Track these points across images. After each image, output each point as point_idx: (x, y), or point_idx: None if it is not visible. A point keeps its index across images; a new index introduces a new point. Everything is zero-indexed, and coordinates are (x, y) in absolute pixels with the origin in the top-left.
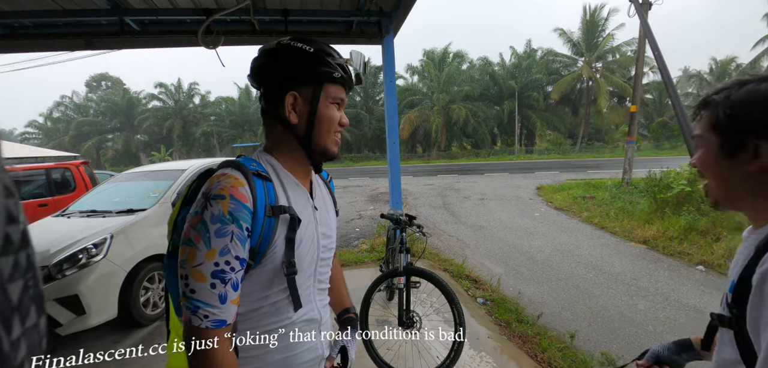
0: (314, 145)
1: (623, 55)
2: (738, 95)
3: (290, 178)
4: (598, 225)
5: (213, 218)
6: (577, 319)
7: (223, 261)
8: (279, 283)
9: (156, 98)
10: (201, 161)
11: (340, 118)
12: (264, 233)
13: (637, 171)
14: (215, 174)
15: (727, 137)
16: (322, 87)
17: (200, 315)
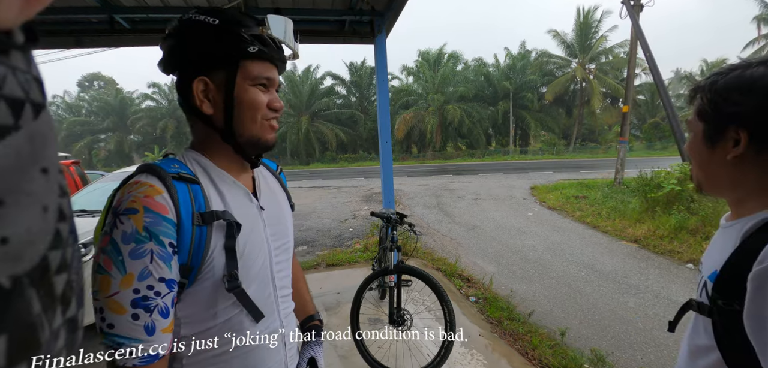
0: (239, 136)
1: (616, 56)
2: (722, 83)
3: (225, 177)
4: (591, 224)
5: (125, 237)
6: (568, 317)
7: (145, 287)
8: (226, 299)
9: (149, 98)
10: None
11: (269, 100)
12: (195, 246)
13: (629, 171)
14: (127, 183)
15: (709, 125)
16: (237, 67)
17: (123, 353)
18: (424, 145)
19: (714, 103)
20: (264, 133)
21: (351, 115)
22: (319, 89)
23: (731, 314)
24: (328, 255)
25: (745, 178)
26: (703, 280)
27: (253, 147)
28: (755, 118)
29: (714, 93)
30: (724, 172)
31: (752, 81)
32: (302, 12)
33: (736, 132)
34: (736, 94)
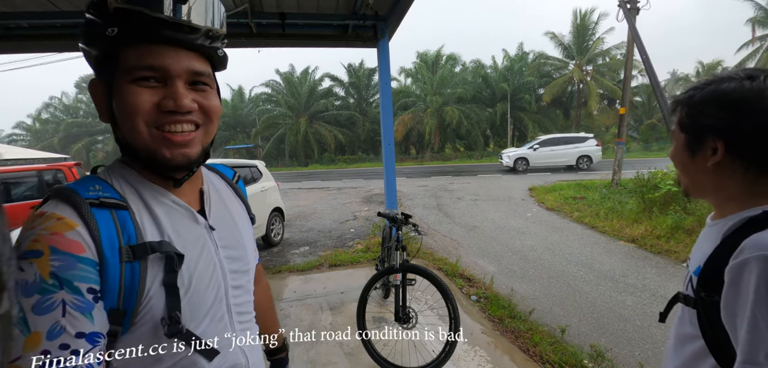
0: (133, 149)
1: (613, 58)
2: (699, 97)
3: (161, 197)
4: (589, 224)
5: (27, 289)
6: (568, 315)
7: (57, 347)
8: (170, 342)
9: None
10: None
11: (160, 99)
12: (126, 286)
13: (626, 172)
14: (31, 215)
15: (689, 136)
16: (115, 61)
17: None
18: (423, 147)
19: (692, 117)
20: (157, 145)
21: (349, 116)
22: (317, 91)
23: (713, 305)
24: (331, 256)
25: (725, 183)
26: (689, 275)
27: (152, 162)
28: (729, 129)
29: (691, 107)
30: (706, 177)
31: (725, 95)
32: (307, 17)
33: (714, 142)
34: (711, 107)
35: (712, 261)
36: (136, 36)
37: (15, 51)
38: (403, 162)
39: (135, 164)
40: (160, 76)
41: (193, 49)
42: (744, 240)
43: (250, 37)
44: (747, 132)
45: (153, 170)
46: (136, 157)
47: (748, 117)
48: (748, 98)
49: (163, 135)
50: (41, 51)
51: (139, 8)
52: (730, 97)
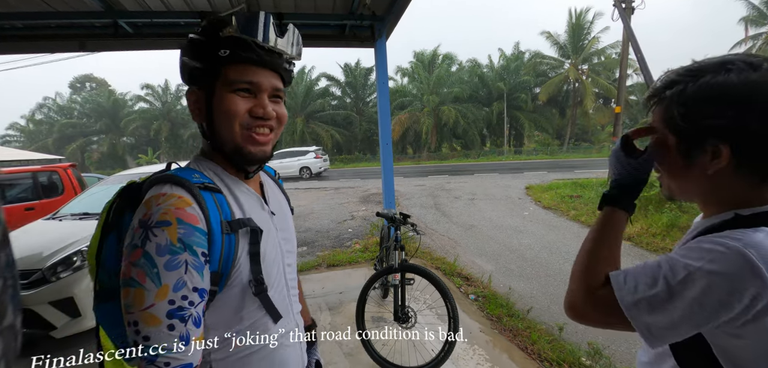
0: (223, 145)
1: (608, 57)
2: (692, 92)
3: (240, 185)
4: (585, 223)
5: (159, 249)
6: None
7: (180, 297)
8: (252, 302)
9: (142, 100)
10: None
11: (251, 107)
12: (225, 254)
13: None
14: (151, 194)
15: (685, 139)
16: (218, 74)
17: (159, 364)
18: (420, 146)
19: (688, 116)
20: (245, 142)
21: (346, 115)
22: (314, 90)
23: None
24: (329, 256)
25: (719, 186)
26: None
27: (238, 156)
28: (736, 130)
29: (686, 106)
30: (700, 184)
31: (728, 89)
32: (304, 17)
33: (716, 146)
34: (711, 105)
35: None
36: (241, 58)
37: (9, 52)
38: (400, 161)
39: (216, 158)
40: (253, 89)
41: (276, 70)
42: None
43: None
44: (759, 134)
45: (233, 163)
46: (222, 150)
47: (760, 115)
48: (757, 92)
49: (250, 135)
50: (36, 52)
51: (249, 38)
52: (736, 92)
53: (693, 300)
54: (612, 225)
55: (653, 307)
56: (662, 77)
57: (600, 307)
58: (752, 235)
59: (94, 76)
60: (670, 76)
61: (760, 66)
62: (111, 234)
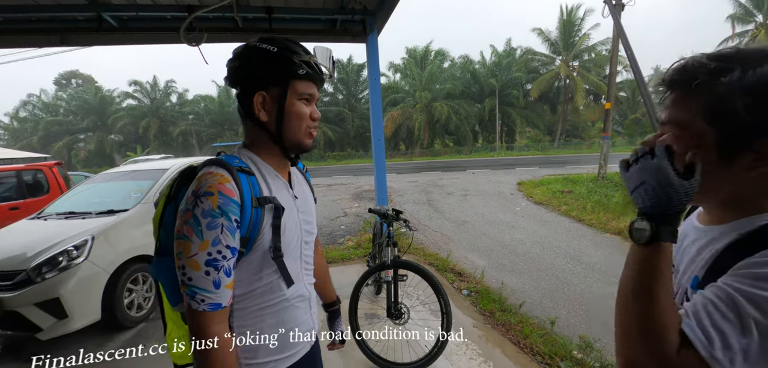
0: (286, 140)
1: (598, 54)
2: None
3: (270, 171)
4: (576, 218)
5: (204, 213)
6: (557, 307)
7: (216, 251)
8: (269, 266)
9: (130, 96)
10: (183, 160)
11: (310, 112)
12: (253, 223)
13: (612, 166)
14: (202, 173)
15: (734, 131)
16: (288, 85)
17: (198, 300)
18: (412, 142)
19: (754, 110)
20: (305, 138)
21: (338, 112)
22: None
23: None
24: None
25: (742, 187)
26: (683, 289)
27: (295, 148)
28: None
29: (752, 95)
30: (727, 183)
31: None
32: (294, 11)
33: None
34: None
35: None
36: (310, 77)
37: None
38: (392, 158)
39: (260, 150)
40: (310, 99)
41: (320, 84)
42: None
43: (236, 31)
44: None
45: (287, 153)
46: (282, 143)
47: None
48: None
49: (310, 132)
50: (13, 46)
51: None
52: None
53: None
54: (667, 262)
55: (748, 360)
56: (685, 63)
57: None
58: None
59: (80, 73)
60: (701, 61)
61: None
62: (171, 204)
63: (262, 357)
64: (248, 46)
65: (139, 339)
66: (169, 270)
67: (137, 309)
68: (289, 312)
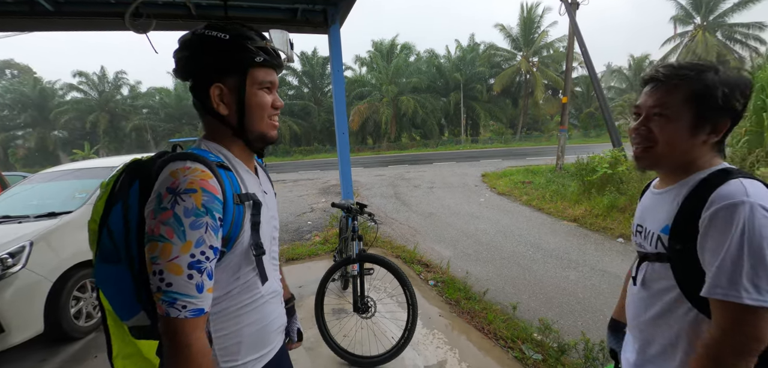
0: (250, 133)
1: (556, 50)
2: (727, 77)
3: (241, 166)
4: (536, 207)
5: (186, 212)
6: (519, 292)
7: (199, 252)
8: (247, 264)
9: (75, 89)
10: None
11: (272, 101)
12: (235, 220)
13: (568, 157)
14: (175, 167)
15: (706, 112)
16: (246, 74)
17: (178, 307)
18: (380, 136)
19: (727, 98)
20: (269, 130)
21: (304, 106)
22: None
23: (689, 253)
24: (288, 250)
25: (697, 155)
26: (656, 235)
27: (260, 141)
28: (741, 113)
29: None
30: (688, 151)
31: (746, 83)
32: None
33: (724, 122)
34: (739, 91)
35: (682, 218)
36: (268, 63)
37: None
38: (360, 152)
39: (226, 141)
40: (271, 87)
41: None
42: (707, 195)
43: (189, 18)
44: (740, 114)
45: (252, 146)
46: (246, 136)
47: (744, 102)
48: (748, 86)
49: (271, 123)
50: None
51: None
52: (748, 86)
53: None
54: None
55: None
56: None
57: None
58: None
59: (15, 62)
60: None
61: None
62: (118, 204)
63: (242, 357)
64: (196, 34)
65: (90, 350)
66: (118, 280)
67: (86, 318)
68: (265, 309)
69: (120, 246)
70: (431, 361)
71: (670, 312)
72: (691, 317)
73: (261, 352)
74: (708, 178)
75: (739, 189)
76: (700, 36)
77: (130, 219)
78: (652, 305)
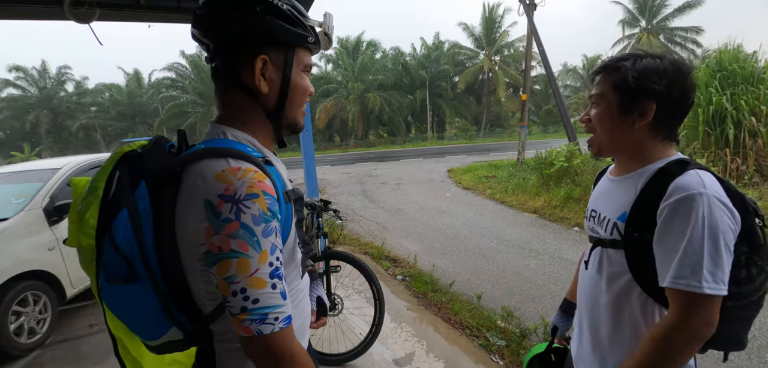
0: (285, 118)
1: (517, 50)
2: (642, 64)
3: (273, 157)
4: (499, 200)
5: (255, 219)
6: (483, 283)
7: (275, 259)
8: (292, 261)
9: (12, 85)
10: (80, 158)
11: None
12: (287, 219)
13: (529, 152)
14: (221, 169)
15: (627, 96)
16: (294, 51)
17: (270, 321)
18: (347, 134)
19: (638, 81)
20: (301, 117)
21: None
22: None
23: (644, 243)
24: None
25: (640, 140)
26: (612, 222)
27: (290, 128)
28: (665, 95)
29: (638, 72)
30: (627, 136)
31: (664, 68)
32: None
33: (648, 105)
34: (655, 76)
35: (639, 206)
36: (315, 47)
37: None
38: (327, 149)
39: (253, 128)
40: (308, 71)
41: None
42: (666, 185)
43: (137, 9)
44: (676, 99)
45: (279, 133)
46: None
47: (678, 88)
48: (679, 73)
49: (302, 111)
50: None
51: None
52: (668, 70)
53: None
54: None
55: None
56: (607, 60)
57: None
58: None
59: None
60: (615, 58)
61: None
62: (121, 212)
63: None
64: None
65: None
66: (138, 299)
67: (29, 335)
68: (303, 303)
69: (136, 260)
70: (399, 354)
71: (621, 297)
72: (641, 301)
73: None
74: (666, 167)
75: (696, 181)
76: (645, 38)
77: (145, 230)
78: (604, 290)
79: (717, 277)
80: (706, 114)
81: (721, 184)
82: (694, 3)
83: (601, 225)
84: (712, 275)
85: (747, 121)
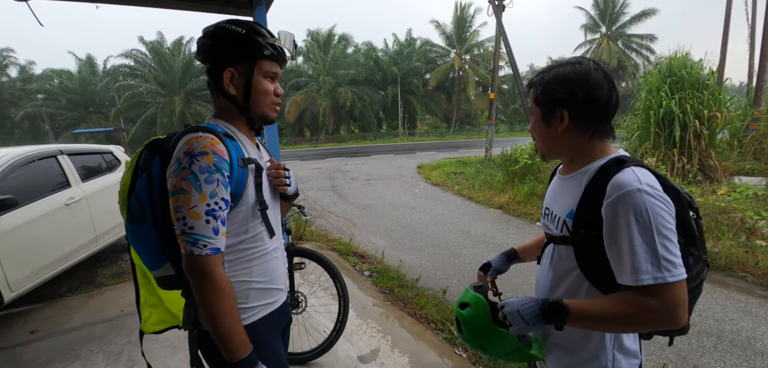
0: (253, 112)
1: (486, 49)
2: (547, 78)
3: (245, 139)
4: (466, 196)
5: (201, 169)
6: (449, 277)
7: (213, 202)
8: (255, 218)
9: None
10: (18, 149)
11: (274, 89)
12: (239, 180)
13: (496, 149)
14: (190, 137)
15: (545, 107)
16: (255, 63)
17: (200, 246)
18: (318, 129)
19: (545, 93)
20: (269, 112)
21: None
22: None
23: (591, 240)
24: None
25: (572, 143)
26: (562, 220)
27: (261, 120)
28: (571, 100)
29: (544, 85)
30: (558, 141)
31: (566, 75)
32: None
33: (561, 112)
34: (558, 85)
35: (584, 205)
36: (274, 57)
37: None
38: (297, 144)
39: (232, 119)
40: (274, 77)
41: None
42: (605, 183)
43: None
44: (582, 102)
45: (252, 124)
46: (249, 115)
47: (582, 91)
48: (580, 77)
49: (273, 107)
50: None
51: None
52: (570, 77)
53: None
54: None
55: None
56: (534, 76)
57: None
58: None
59: None
60: (538, 72)
61: (582, 63)
62: (142, 175)
63: (251, 301)
64: (219, 27)
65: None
66: (146, 237)
67: None
68: (271, 263)
69: (146, 208)
70: (364, 350)
71: (571, 291)
72: (590, 295)
73: (268, 300)
74: (606, 165)
75: (632, 178)
76: (605, 43)
77: (154, 187)
78: (557, 285)
79: (675, 264)
80: (656, 116)
81: (657, 178)
82: (649, 12)
83: (553, 223)
84: (672, 263)
85: (692, 124)
